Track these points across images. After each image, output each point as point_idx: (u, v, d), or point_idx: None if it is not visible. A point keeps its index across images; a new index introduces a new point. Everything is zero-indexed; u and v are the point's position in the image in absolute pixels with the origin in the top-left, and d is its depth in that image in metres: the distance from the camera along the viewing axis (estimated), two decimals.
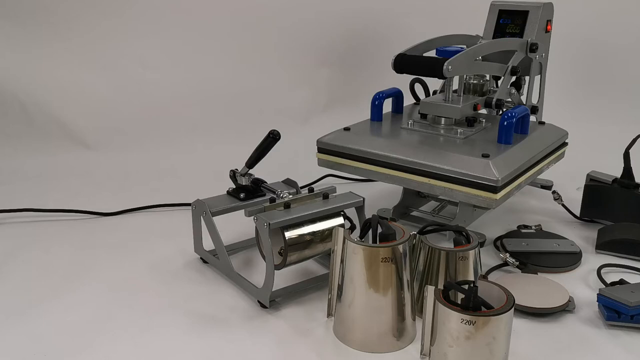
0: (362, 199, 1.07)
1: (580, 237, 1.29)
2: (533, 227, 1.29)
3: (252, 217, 0.98)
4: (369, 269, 0.88)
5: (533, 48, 1.38)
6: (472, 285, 0.79)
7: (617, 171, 1.34)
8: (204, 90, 1.96)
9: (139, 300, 1.04)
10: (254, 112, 1.99)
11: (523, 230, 1.27)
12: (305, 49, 2.04)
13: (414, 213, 1.37)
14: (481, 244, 1.24)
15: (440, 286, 0.94)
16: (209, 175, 1.64)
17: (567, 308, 1.00)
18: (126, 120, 1.88)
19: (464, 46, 1.32)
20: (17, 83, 1.84)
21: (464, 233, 0.98)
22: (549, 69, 2.19)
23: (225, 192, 1.18)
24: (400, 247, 0.89)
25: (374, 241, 0.90)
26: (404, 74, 1.23)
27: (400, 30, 2.00)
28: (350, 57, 2.05)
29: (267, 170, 1.34)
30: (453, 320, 0.79)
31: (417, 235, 0.99)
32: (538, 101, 1.51)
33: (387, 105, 1.37)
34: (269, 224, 0.95)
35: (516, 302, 0.99)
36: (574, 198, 1.43)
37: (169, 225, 1.34)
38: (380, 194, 1.52)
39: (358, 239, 0.93)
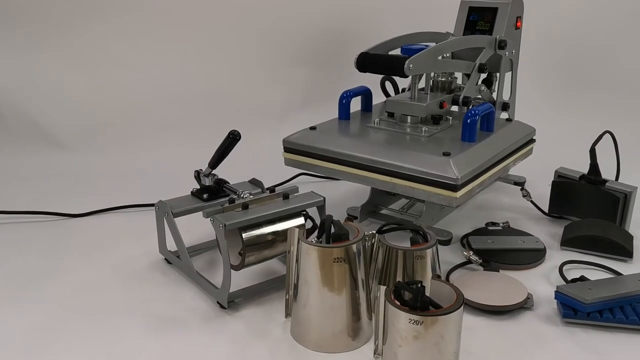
0: (322, 198, 1.07)
1: (548, 233, 1.29)
2: (501, 224, 1.29)
3: (210, 218, 0.98)
4: (322, 269, 0.88)
5: (502, 45, 1.37)
6: (419, 285, 0.79)
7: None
8: (180, 90, 1.96)
9: (100, 302, 1.04)
10: (231, 111, 1.98)
11: (490, 228, 1.27)
12: (282, 47, 2.03)
13: (383, 211, 1.37)
14: (447, 242, 1.24)
15: None
16: (184, 175, 1.63)
17: (525, 305, 1.00)
18: (102, 120, 1.88)
19: (433, 44, 1.32)
20: None
21: (421, 232, 0.98)
22: (526, 65, 2.19)
23: (190, 193, 1.18)
24: (354, 247, 0.89)
25: (327, 241, 0.90)
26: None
27: (376, 29, 1.98)
28: (326, 56, 2.04)
29: (242, 169, 1.34)
30: (402, 320, 0.79)
31: (376, 234, 1.00)
32: (510, 98, 1.51)
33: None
34: (225, 225, 0.95)
35: (475, 300, 1.00)
36: (546, 194, 1.43)
37: (138, 226, 1.34)
38: (352, 192, 1.52)
39: (315, 239, 0.93)
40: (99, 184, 1.62)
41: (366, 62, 1.18)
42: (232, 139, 1.09)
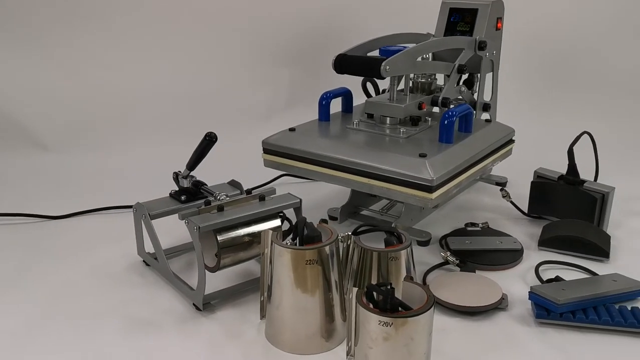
0: (298, 200, 1.07)
1: (526, 234, 1.29)
2: (480, 224, 1.29)
3: (184, 220, 0.98)
4: (295, 271, 0.88)
5: (482, 46, 1.38)
6: (388, 287, 0.80)
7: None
8: (164, 91, 1.96)
9: (77, 304, 1.04)
10: (216, 111, 1.98)
11: (469, 228, 1.28)
12: (266, 48, 2.04)
13: (364, 212, 1.38)
14: (426, 243, 1.25)
15: None
16: (168, 177, 1.63)
17: (499, 306, 1.01)
18: (86, 121, 1.87)
19: (413, 45, 1.32)
20: None
21: (395, 233, 0.99)
22: (509, 66, 2.20)
23: (168, 195, 1.18)
24: (327, 249, 0.89)
25: (300, 243, 0.90)
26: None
27: (361, 29, 1.98)
28: (311, 56, 2.04)
29: (227, 169, 1.34)
30: (372, 322, 0.80)
31: (351, 235, 1.00)
32: (491, 98, 1.51)
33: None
34: (199, 227, 0.95)
35: (449, 301, 1.00)
36: (528, 195, 1.43)
37: (118, 227, 1.33)
38: (335, 193, 1.52)
39: (290, 241, 0.93)
40: (82, 185, 1.61)
41: (343, 63, 1.18)
42: (209, 141, 1.09)
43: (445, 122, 1.16)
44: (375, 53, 1.26)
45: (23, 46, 1.87)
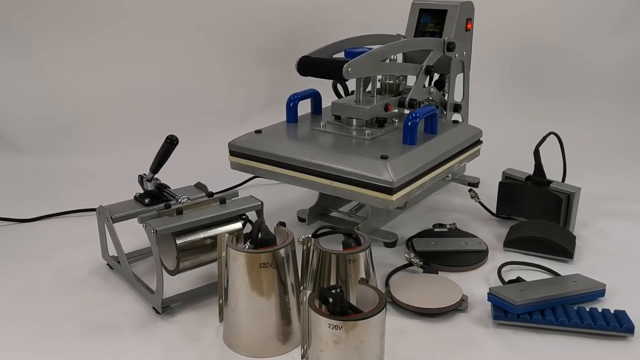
0: (260, 202, 1.07)
1: (494, 234, 1.30)
2: (448, 225, 1.30)
3: (142, 224, 0.98)
4: (249, 274, 0.88)
5: (450, 47, 1.38)
6: (338, 290, 0.80)
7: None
8: (139, 94, 1.95)
9: (36, 308, 1.03)
10: (192, 114, 1.98)
11: (436, 230, 1.28)
12: (243, 49, 2.03)
13: (333, 214, 1.38)
14: (393, 244, 1.25)
15: None
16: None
17: (459, 307, 1.01)
18: (59, 124, 1.86)
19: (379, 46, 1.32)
20: None
21: (353, 236, 0.99)
22: (484, 66, 2.21)
23: (133, 198, 1.18)
24: (282, 252, 0.89)
25: (255, 247, 0.90)
26: None
27: (337, 30, 1.99)
28: (287, 57, 2.03)
29: (202, 171, 1.34)
30: (322, 325, 0.80)
31: (311, 238, 1.00)
32: (462, 99, 1.52)
33: None
34: (156, 230, 0.95)
35: (408, 302, 1.01)
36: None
37: (86, 230, 1.32)
38: (307, 195, 1.51)
39: (249, 244, 0.93)
40: (54, 187, 1.61)
41: (306, 66, 1.18)
42: (170, 143, 1.09)
43: (409, 123, 1.16)
44: (342, 55, 1.27)
45: None
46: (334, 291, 0.80)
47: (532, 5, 2.13)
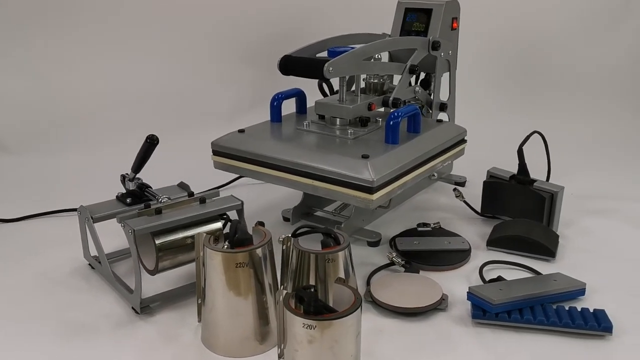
0: (240, 202, 1.07)
1: (478, 233, 1.30)
2: (432, 224, 1.29)
3: (121, 223, 0.98)
4: (226, 273, 0.88)
5: (435, 46, 1.38)
6: (312, 290, 0.80)
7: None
8: (127, 93, 1.95)
9: (16, 308, 1.03)
10: (181, 112, 1.98)
11: (420, 229, 1.28)
12: (230, 48, 2.03)
13: (318, 213, 1.38)
14: (376, 243, 1.25)
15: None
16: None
17: (439, 307, 1.01)
18: (47, 123, 1.86)
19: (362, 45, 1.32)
20: None
21: (332, 235, 0.98)
22: (481, 66, 2.22)
23: (115, 197, 1.17)
24: (258, 252, 0.89)
25: (232, 246, 0.90)
26: None
27: (326, 30, 1.99)
28: (275, 56, 2.03)
29: (188, 170, 1.33)
30: (297, 325, 0.79)
31: (290, 237, 1.00)
32: (449, 98, 1.51)
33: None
34: (134, 230, 0.95)
35: (388, 302, 1.00)
36: None
37: (69, 230, 1.32)
38: (294, 195, 1.51)
39: (227, 243, 0.93)
40: (40, 187, 1.60)
41: (288, 65, 1.18)
42: (150, 143, 1.09)
43: (391, 122, 1.16)
44: (325, 54, 1.26)
45: None
46: (308, 290, 0.80)
47: (527, 4, 2.13)
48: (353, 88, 1.35)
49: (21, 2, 1.86)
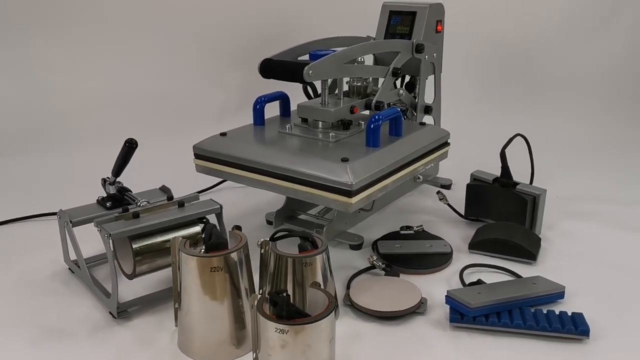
0: (219, 206, 1.07)
1: (461, 236, 1.29)
2: (415, 227, 1.29)
3: (97, 228, 0.98)
4: (200, 277, 0.88)
5: (419, 48, 1.38)
6: (284, 294, 0.79)
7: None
8: (115, 96, 1.95)
9: None
10: (169, 115, 1.98)
11: (403, 232, 1.28)
12: (217, 51, 2.03)
13: (302, 216, 1.37)
14: (358, 246, 1.25)
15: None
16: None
17: (417, 310, 1.00)
18: (32, 126, 1.86)
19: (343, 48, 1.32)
20: None
21: (309, 239, 0.98)
22: (472, 68, 2.22)
23: (95, 201, 1.17)
24: (234, 256, 0.89)
25: (207, 250, 0.90)
26: None
27: (314, 33, 1.99)
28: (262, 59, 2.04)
29: (177, 172, 1.33)
30: (269, 330, 0.79)
31: (268, 241, 1.00)
32: (434, 101, 1.51)
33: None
34: (110, 234, 0.94)
35: (366, 305, 1.00)
36: None
37: (52, 234, 1.32)
38: (279, 198, 1.51)
39: (203, 248, 0.93)
40: (25, 190, 1.60)
41: (268, 68, 1.18)
42: (129, 147, 1.09)
43: (371, 126, 1.16)
44: (307, 57, 1.26)
45: None
46: (280, 295, 0.80)
47: (517, 7, 2.14)
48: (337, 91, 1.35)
49: (7, 5, 1.86)
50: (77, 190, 1.57)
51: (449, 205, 1.37)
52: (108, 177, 1.18)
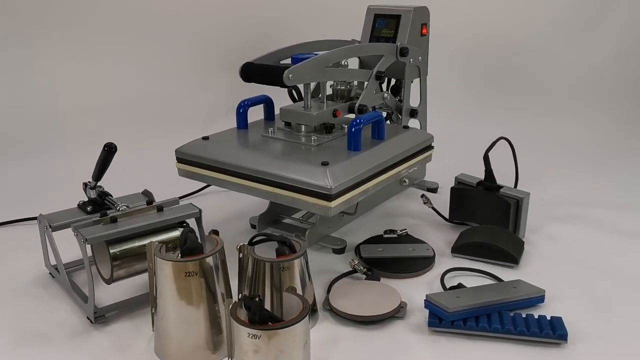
0: (198, 210, 1.06)
1: (445, 240, 1.29)
2: (399, 231, 1.29)
3: (74, 232, 0.97)
4: (176, 282, 0.87)
5: (403, 52, 1.38)
6: (257, 299, 0.79)
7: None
8: (104, 99, 1.95)
9: None
10: (158, 118, 1.97)
11: (386, 236, 1.27)
12: (207, 53, 2.03)
13: (286, 220, 1.37)
14: (341, 250, 1.24)
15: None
16: (106, 185, 1.63)
17: (397, 315, 1.00)
18: (17, 129, 1.85)
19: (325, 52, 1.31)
20: None
21: (287, 243, 0.98)
22: (463, 71, 2.21)
23: (76, 206, 1.17)
24: (210, 261, 0.89)
25: (182, 255, 0.89)
26: None
27: (303, 36, 2.00)
28: None
29: (164, 175, 1.31)
30: (242, 335, 0.79)
31: (247, 245, 0.99)
32: (419, 104, 1.51)
33: None
34: (86, 239, 0.94)
35: (344, 310, 1.00)
36: None
37: (35, 238, 1.32)
38: (265, 202, 1.51)
39: (179, 252, 0.92)
40: (10, 194, 1.60)
41: (249, 72, 1.17)
42: (108, 151, 1.08)
43: (353, 129, 1.16)
44: (290, 61, 1.26)
45: None
46: (253, 300, 0.79)
47: (505, 10, 2.14)
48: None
49: None
50: (62, 194, 1.56)
51: (433, 208, 1.37)
52: (89, 182, 1.18)
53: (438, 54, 1.77)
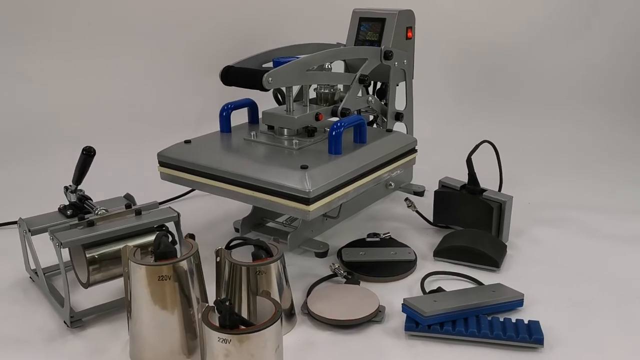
0: (176, 214, 1.06)
1: (428, 244, 1.29)
2: (382, 235, 1.28)
3: (50, 236, 0.97)
4: (149, 286, 0.87)
5: (387, 55, 1.38)
6: (227, 303, 0.79)
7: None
8: (92, 102, 1.94)
9: None
10: (146, 121, 1.97)
11: (369, 239, 1.27)
12: (195, 57, 2.03)
13: (270, 224, 1.37)
14: (323, 254, 1.24)
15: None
16: (93, 189, 1.63)
17: (374, 319, 1.00)
18: (13, 132, 1.85)
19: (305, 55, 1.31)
20: None
21: (264, 247, 0.98)
22: (451, 74, 2.20)
23: (57, 209, 1.16)
24: (184, 264, 0.88)
25: (155, 259, 0.89)
26: None
27: (292, 40, 2.00)
28: None
29: (152, 179, 1.33)
30: (213, 339, 0.79)
31: (223, 249, 0.99)
32: (405, 108, 1.51)
33: None
34: (61, 243, 0.94)
35: (321, 314, 0.99)
36: None
37: (17, 242, 1.32)
38: (249, 205, 1.51)
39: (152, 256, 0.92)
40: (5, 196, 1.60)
41: (229, 75, 1.17)
42: (87, 155, 1.08)
43: (333, 133, 1.15)
44: (271, 64, 1.26)
45: None
46: (224, 304, 0.79)
47: (494, 13, 2.14)
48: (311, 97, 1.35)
49: None
50: (45, 198, 1.56)
51: (417, 212, 1.36)
52: (70, 185, 1.18)
53: (427, 57, 1.77)
